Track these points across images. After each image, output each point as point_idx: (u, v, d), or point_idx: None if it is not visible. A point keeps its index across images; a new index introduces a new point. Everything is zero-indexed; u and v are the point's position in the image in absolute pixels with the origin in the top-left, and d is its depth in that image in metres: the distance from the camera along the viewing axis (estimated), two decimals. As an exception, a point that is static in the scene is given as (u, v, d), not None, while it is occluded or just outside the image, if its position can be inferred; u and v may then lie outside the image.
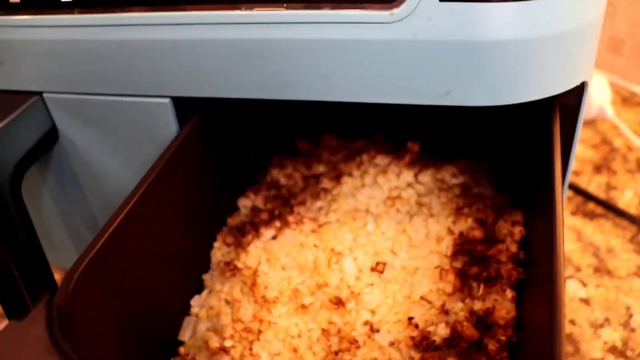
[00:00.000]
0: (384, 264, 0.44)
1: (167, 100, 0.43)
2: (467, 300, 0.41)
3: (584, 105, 0.42)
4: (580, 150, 0.75)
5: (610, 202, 0.68)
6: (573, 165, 0.74)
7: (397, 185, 0.50)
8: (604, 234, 0.64)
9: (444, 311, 0.41)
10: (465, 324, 0.39)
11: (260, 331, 0.42)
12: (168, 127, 0.45)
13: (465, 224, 0.46)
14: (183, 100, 0.44)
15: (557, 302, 0.30)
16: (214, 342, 0.41)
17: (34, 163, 0.47)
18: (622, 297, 0.59)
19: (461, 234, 0.45)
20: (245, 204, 0.52)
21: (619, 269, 0.61)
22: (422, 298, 0.42)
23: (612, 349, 0.54)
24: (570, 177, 0.65)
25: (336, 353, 0.40)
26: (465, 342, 0.39)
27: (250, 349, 0.41)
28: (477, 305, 0.40)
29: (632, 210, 0.67)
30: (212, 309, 0.44)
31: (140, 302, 0.40)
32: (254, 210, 0.51)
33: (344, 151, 0.56)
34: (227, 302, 0.45)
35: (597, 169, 0.71)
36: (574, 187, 0.70)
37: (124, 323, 0.38)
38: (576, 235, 0.64)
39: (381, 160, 0.53)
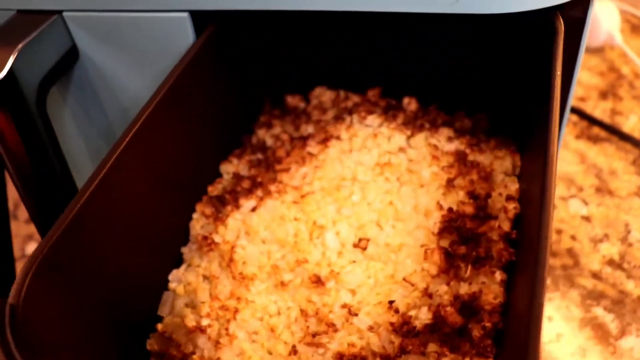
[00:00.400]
0: (367, 240, 0.42)
1: (185, 14, 0.44)
2: (452, 283, 0.39)
3: (589, 22, 0.41)
4: (587, 77, 0.73)
5: (615, 126, 0.67)
6: (579, 91, 0.75)
7: (388, 150, 0.48)
8: (607, 156, 0.64)
9: (427, 294, 0.39)
10: (449, 309, 0.37)
11: (237, 310, 0.40)
12: (187, 42, 0.45)
13: (456, 197, 0.44)
14: (201, 15, 0.44)
15: (538, 284, 0.28)
16: (191, 321, 0.40)
17: (56, 82, 0.47)
18: (622, 215, 0.59)
19: (450, 209, 0.43)
20: (227, 169, 0.50)
21: (620, 189, 0.61)
22: (404, 280, 0.40)
23: (610, 262, 0.56)
24: (572, 102, 0.67)
25: (314, 335, 0.39)
26: (449, 327, 0.37)
27: (227, 328, 0.40)
28: (463, 289, 0.38)
29: (636, 134, 0.66)
30: (190, 284, 0.43)
31: (116, 278, 0.38)
32: (236, 177, 0.49)
33: (334, 109, 0.53)
34: (205, 277, 0.43)
35: (603, 95, 0.70)
36: (579, 112, 0.68)
37: (98, 302, 0.36)
38: (580, 157, 0.64)
39: (372, 120, 0.50)
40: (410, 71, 0.52)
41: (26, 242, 0.63)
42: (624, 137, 0.64)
